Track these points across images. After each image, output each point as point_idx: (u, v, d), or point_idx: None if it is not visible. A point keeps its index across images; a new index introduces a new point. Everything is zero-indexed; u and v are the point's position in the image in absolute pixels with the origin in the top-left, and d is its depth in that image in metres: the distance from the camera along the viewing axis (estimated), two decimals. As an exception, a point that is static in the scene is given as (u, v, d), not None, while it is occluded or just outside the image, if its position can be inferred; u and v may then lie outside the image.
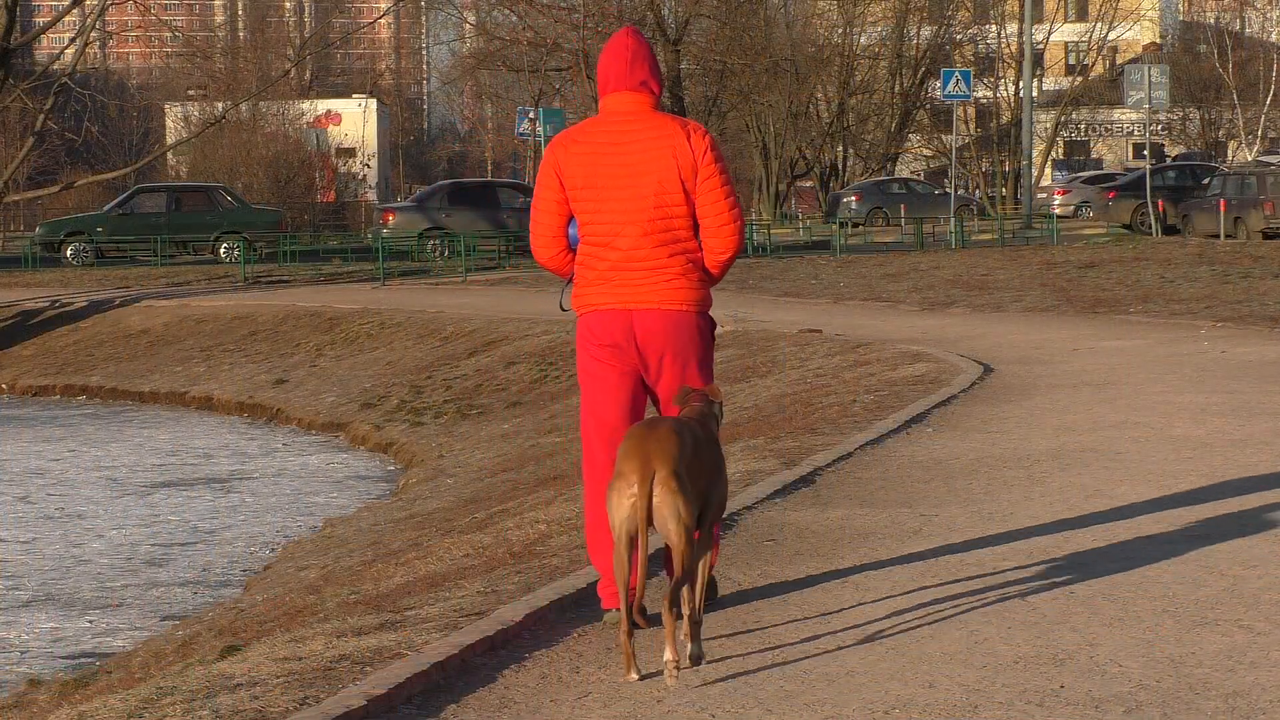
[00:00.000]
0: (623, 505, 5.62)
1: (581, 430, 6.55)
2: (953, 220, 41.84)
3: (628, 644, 5.74)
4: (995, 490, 9.02)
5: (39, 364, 31.10)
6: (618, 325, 6.30)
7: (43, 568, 14.91)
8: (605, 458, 6.36)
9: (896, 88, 64.88)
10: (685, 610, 5.76)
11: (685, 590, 5.75)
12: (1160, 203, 41.85)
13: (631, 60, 6.35)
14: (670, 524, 5.62)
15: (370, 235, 45.56)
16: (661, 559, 6.46)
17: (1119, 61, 71.00)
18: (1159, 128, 65.98)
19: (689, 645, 5.74)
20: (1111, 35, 68.81)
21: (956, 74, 43.70)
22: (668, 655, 5.63)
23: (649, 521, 5.62)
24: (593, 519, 6.46)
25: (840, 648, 6.09)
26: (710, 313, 6.49)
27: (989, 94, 67.26)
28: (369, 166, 70.12)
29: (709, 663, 5.87)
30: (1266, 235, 36.87)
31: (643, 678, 5.79)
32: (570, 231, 6.41)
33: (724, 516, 6.39)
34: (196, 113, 65.42)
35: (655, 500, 5.60)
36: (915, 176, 66.15)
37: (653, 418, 5.98)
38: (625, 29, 6.49)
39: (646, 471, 5.60)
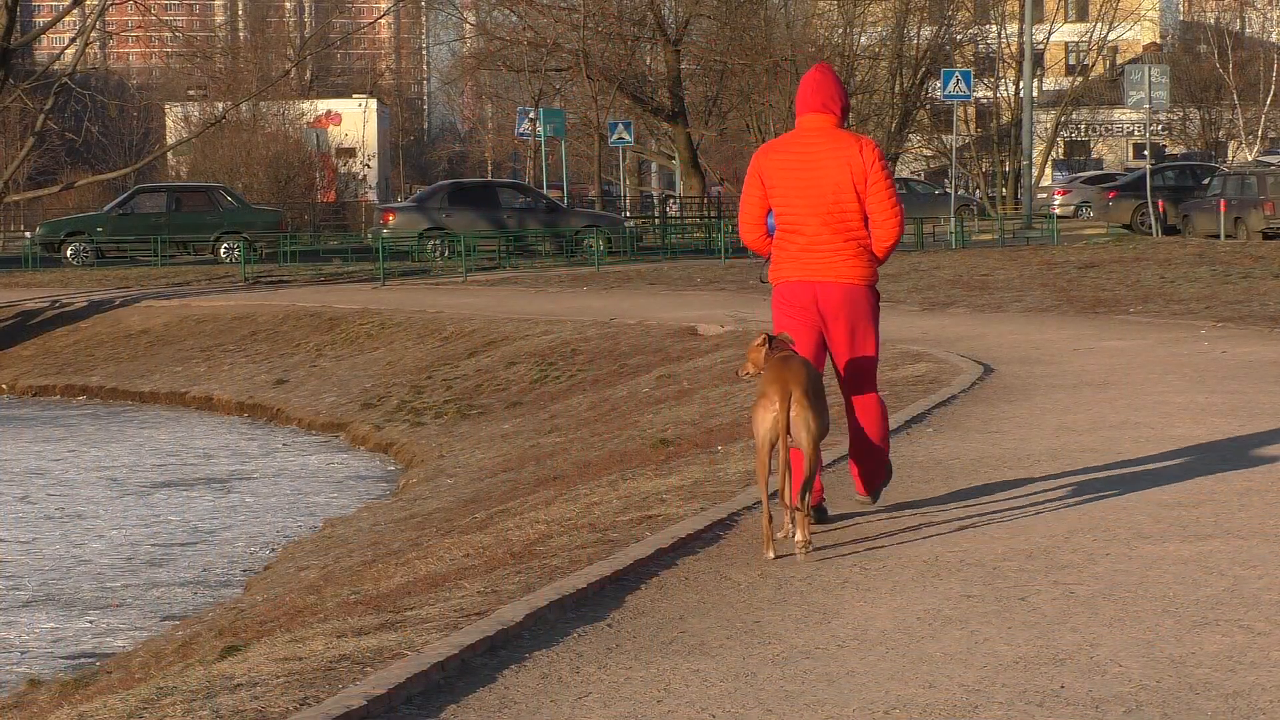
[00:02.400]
0: (766, 419, 7.19)
1: None
2: (953, 220, 41.81)
3: (768, 528, 7.35)
4: (995, 490, 9.01)
5: (39, 364, 31.07)
6: (805, 293, 8.02)
7: (43, 568, 14.90)
8: None
9: (896, 88, 64.71)
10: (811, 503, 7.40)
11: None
12: (1160, 203, 41.81)
13: (815, 89, 8.12)
14: (802, 434, 7.19)
15: (370, 235, 45.48)
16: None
17: (1119, 61, 70.94)
18: (1159, 128, 65.94)
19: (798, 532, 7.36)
20: (1111, 35, 68.78)
21: (956, 74, 43.69)
22: (798, 537, 7.28)
23: (786, 431, 7.14)
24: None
25: (840, 648, 6.09)
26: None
27: (989, 94, 67.20)
28: (369, 166, 70.00)
29: (709, 663, 5.90)
30: (1266, 235, 36.86)
31: (777, 557, 7.30)
32: (769, 221, 8.14)
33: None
34: (196, 113, 65.31)
35: (791, 415, 7.13)
36: (915, 176, 66.12)
37: (787, 354, 7.46)
38: (818, 64, 8.28)
39: (785, 393, 7.16)
